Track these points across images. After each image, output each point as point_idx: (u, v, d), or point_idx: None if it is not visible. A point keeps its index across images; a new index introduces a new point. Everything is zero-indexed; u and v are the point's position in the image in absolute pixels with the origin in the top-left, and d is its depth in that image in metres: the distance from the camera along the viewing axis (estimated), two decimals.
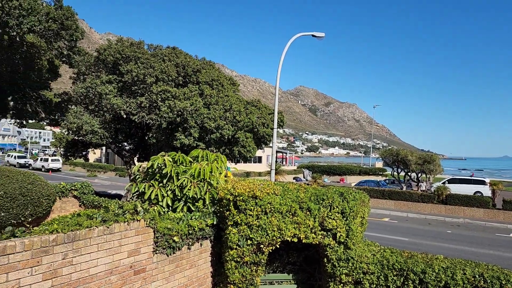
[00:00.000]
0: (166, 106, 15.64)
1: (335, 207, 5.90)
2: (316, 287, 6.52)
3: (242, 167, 46.06)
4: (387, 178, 42.06)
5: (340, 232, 5.83)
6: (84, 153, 21.61)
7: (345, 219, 5.91)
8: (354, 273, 5.85)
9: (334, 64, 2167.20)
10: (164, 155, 6.76)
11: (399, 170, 32.15)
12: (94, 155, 60.95)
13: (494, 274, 5.25)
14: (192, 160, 7.22)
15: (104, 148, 33.39)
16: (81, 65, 18.48)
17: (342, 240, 5.88)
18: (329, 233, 5.87)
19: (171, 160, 6.72)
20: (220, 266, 6.18)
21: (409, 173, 31.94)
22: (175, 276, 5.51)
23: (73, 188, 10.35)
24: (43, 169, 49.86)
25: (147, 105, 16.24)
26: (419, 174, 31.38)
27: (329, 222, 5.81)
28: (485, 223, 22.24)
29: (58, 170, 51.47)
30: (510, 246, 16.38)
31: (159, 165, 6.62)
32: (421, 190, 29.44)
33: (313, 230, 5.82)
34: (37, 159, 55.51)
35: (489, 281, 5.18)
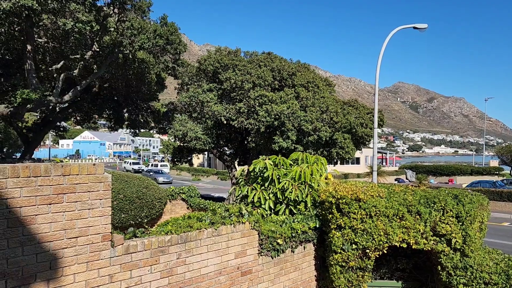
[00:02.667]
0: (263, 110, 15.97)
1: (449, 211, 5.43)
2: None
3: (340, 168, 44.97)
4: (505, 178, 38.05)
5: (455, 238, 5.35)
6: (189, 158, 23.10)
7: (460, 223, 5.41)
8: (473, 284, 5.32)
9: (437, 57, 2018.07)
10: (265, 159, 6.88)
11: None
12: (197, 160, 64.70)
13: None
14: (292, 163, 7.24)
15: (206, 153, 35.29)
16: (185, 76, 19.78)
17: (458, 247, 5.38)
18: (442, 238, 5.42)
19: (272, 163, 6.81)
20: (324, 270, 6.08)
21: None
22: (280, 279, 5.55)
23: (181, 191, 11.09)
24: None
25: (246, 110, 16.76)
26: None
27: (442, 227, 5.37)
28: None
29: None
30: None
31: (260, 168, 6.75)
32: None
33: (424, 236, 5.43)
34: (148, 165, 60.73)
35: None
